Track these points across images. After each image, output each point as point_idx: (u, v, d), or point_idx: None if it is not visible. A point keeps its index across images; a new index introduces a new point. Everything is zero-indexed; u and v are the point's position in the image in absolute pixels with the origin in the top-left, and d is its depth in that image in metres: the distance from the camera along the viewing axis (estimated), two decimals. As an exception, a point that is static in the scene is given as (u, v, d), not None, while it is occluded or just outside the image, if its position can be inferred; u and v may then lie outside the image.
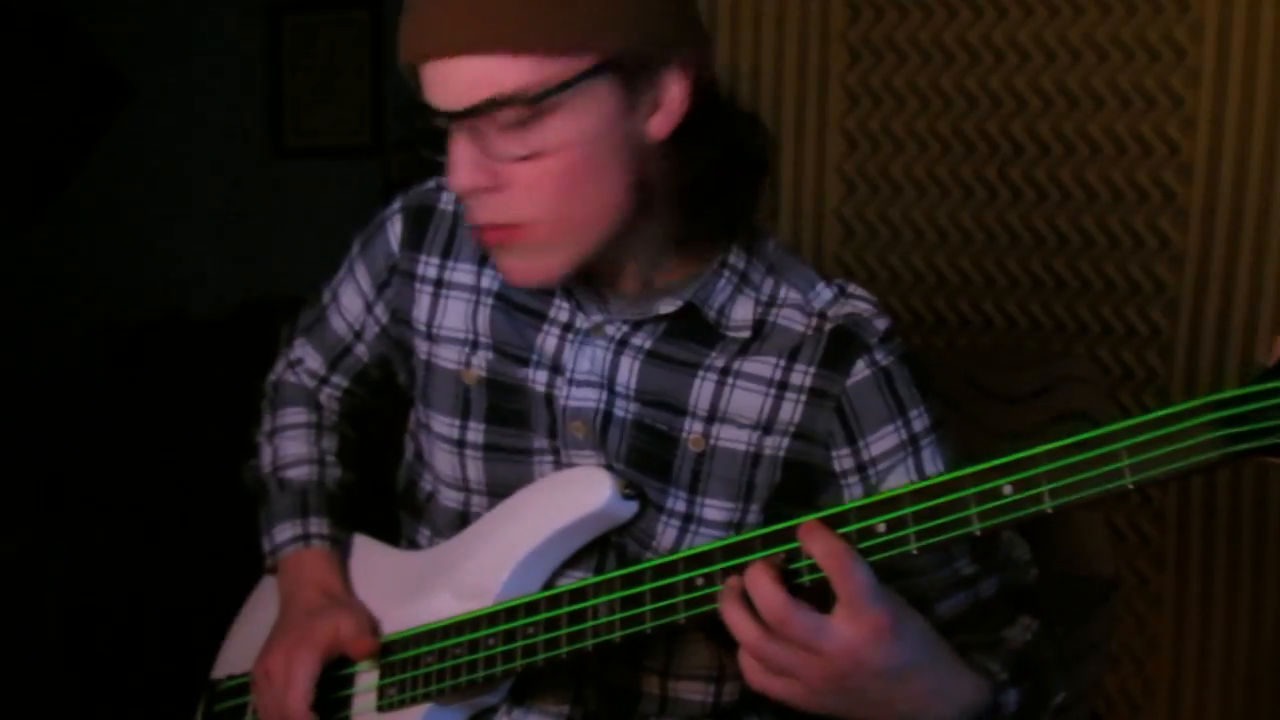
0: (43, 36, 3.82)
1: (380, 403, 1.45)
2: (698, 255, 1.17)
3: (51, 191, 3.90)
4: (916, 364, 1.19)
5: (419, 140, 1.12)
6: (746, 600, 0.98)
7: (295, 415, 1.42)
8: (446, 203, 1.28)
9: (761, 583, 0.97)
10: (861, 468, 1.16)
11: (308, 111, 4.01)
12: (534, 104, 1.01)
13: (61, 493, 3.30)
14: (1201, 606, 2.25)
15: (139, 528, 3.25)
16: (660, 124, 1.08)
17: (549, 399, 1.20)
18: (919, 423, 1.16)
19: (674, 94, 1.07)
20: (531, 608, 1.14)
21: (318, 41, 3.99)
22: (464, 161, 1.04)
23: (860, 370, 1.15)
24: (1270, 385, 0.85)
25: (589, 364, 1.19)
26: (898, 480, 1.14)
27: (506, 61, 1.00)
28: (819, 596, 0.98)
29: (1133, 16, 2.15)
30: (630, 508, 1.18)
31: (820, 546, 0.97)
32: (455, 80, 1.02)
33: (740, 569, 1.00)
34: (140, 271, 3.94)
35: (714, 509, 1.18)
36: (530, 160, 1.04)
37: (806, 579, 0.99)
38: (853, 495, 1.16)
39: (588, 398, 1.19)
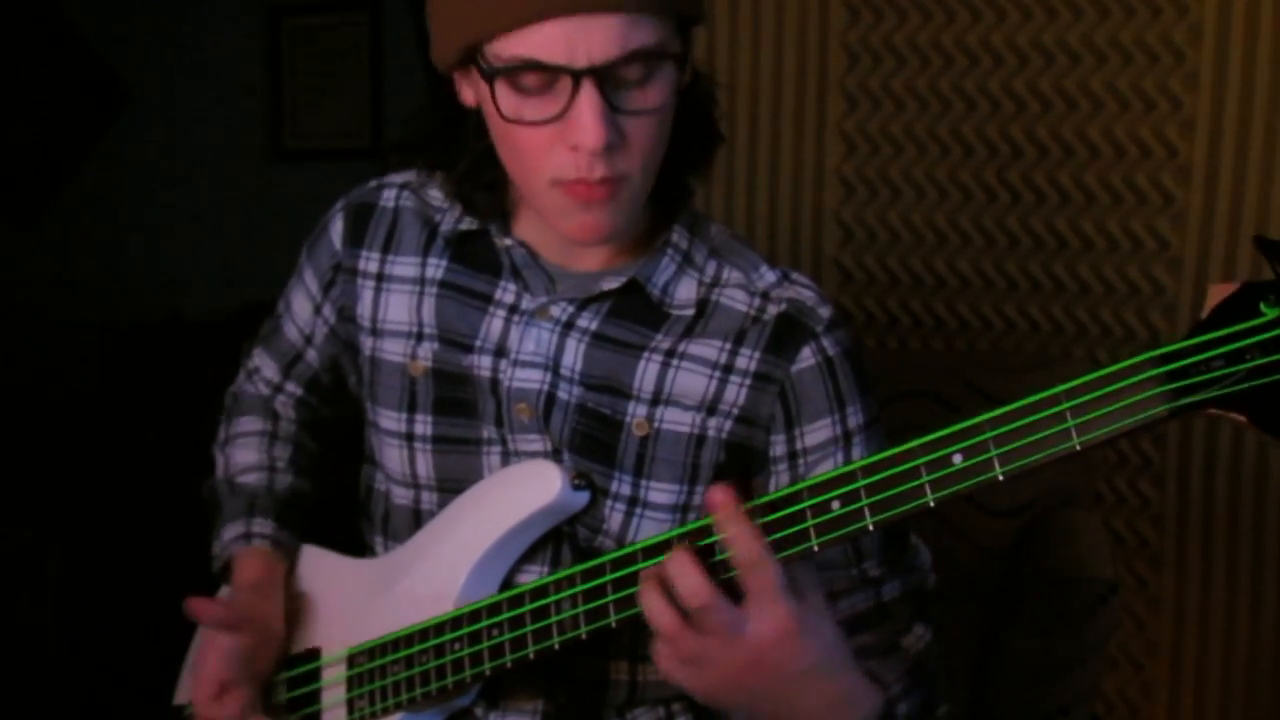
0: (43, 37, 3.82)
1: (334, 412, 1.44)
2: (645, 232, 1.19)
3: (51, 191, 3.90)
4: (859, 358, 1.20)
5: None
6: (664, 588, 0.98)
7: (249, 424, 1.42)
8: (387, 200, 1.30)
9: (687, 570, 0.97)
10: (793, 456, 1.18)
11: (306, 114, 4.01)
12: (678, 59, 1.08)
13: (61, 493, 3.30)
14: (1200, 609, 2.25)
15: (138, 528, 3.25)
16: (681, 81, 1.12)
17: (494, 383, 1.21)
18: (854, 419, 1.18)
19: (693, 53, 1.12)
20: (494, 609, 1.13)
21: (317, 43, 3.98)
22: (599, 116, 1.04)
23: (806, 358, 1.17)
24: (1207, 337, 0.85)
25: (534, 345, 1.19)
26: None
27: (644, 19, 1.03)
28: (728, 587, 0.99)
29: (1131, 19, 2.15)
30: (582, 498, 1.18)
31: (739, 536, 0.96)
32: (599, 35, 1.02)
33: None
34: (139, 272, 3.94)
35: (659, 492, 1.18)
36: (643, 115, 1.07)
37: (723, 571, 0.98)
38: (779, 483, 1.18)
39: (531, 379, 1.19)
